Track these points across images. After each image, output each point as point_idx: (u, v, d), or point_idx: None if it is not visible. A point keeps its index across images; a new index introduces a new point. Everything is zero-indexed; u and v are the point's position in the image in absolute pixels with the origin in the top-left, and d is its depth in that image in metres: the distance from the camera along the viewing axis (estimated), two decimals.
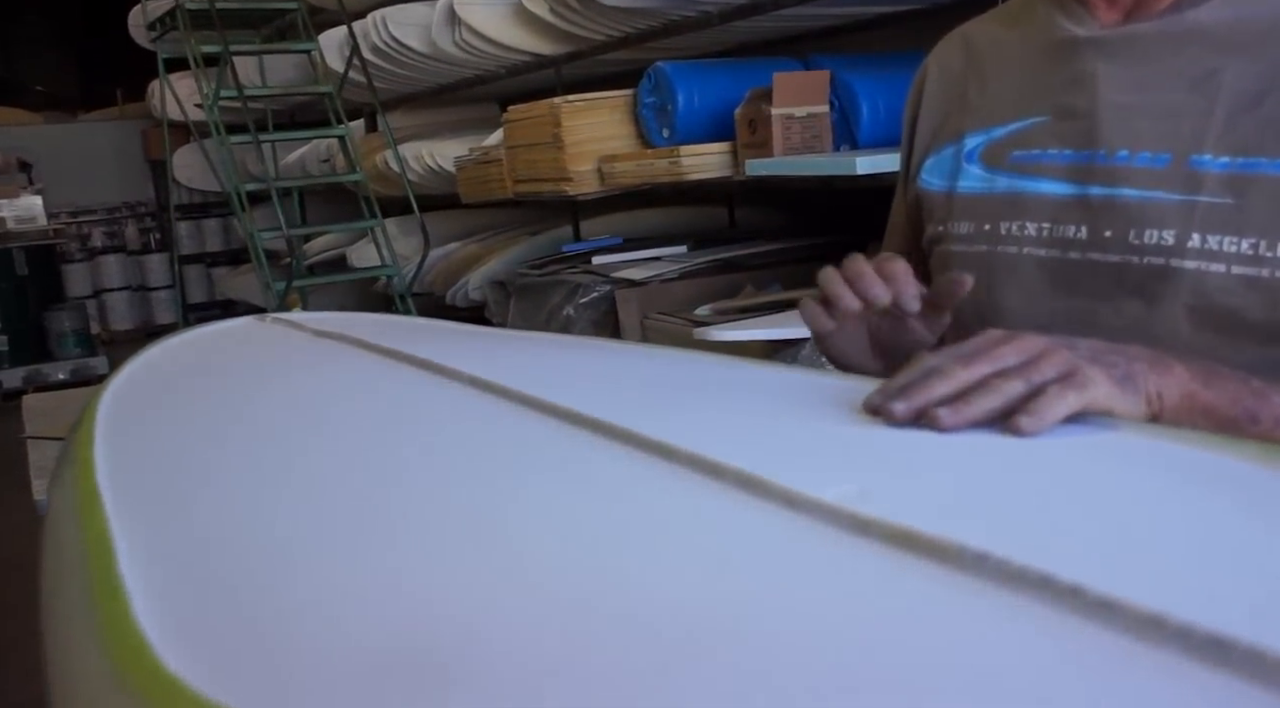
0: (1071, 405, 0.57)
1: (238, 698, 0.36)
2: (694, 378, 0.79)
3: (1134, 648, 0.33)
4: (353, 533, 0.49)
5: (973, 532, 0.40)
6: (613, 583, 0.41)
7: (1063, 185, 0.84)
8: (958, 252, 0.91)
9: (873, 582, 0.40)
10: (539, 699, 0.34)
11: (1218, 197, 0.76)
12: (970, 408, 0.57)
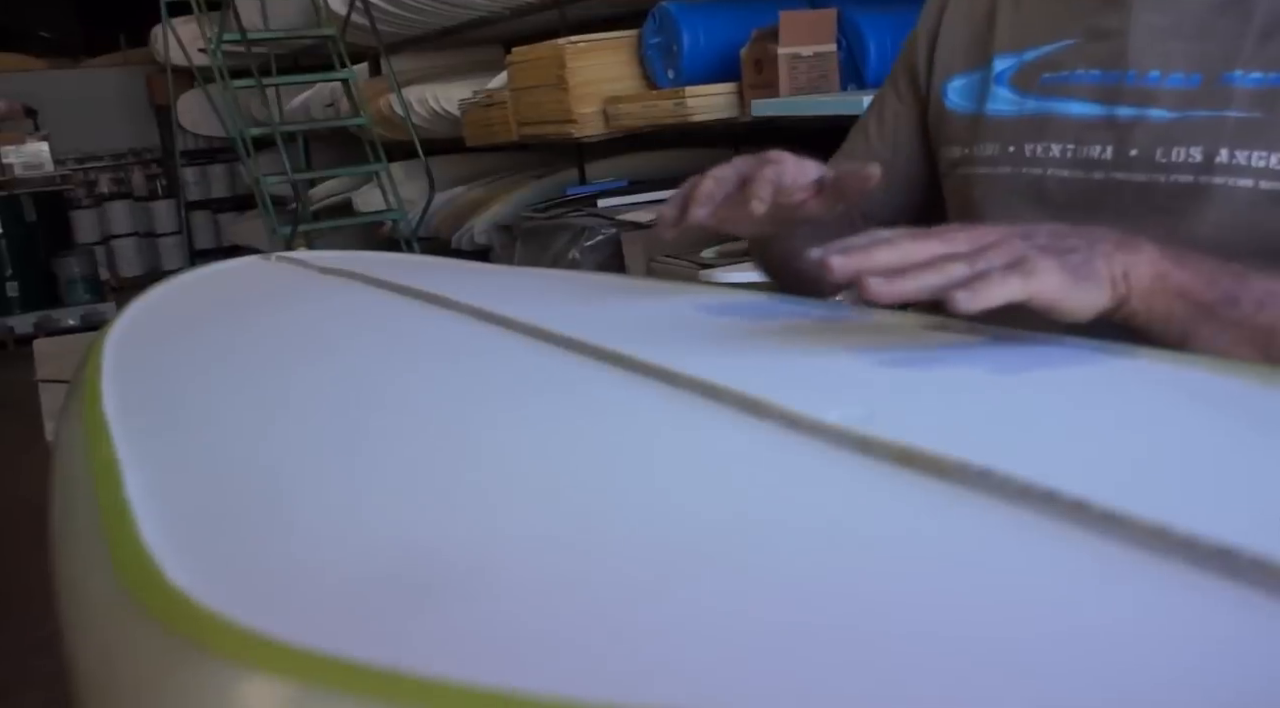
0: (1013, 291, 0.55)
1: (242, 610, 0.36)
2: (696, 309, 0.79)
3: (1139, 560, 0.33)
4: (353, 453, 0.49)
5: (977, 450, 0.40)
6: (612, 500, 0.41)
7: (1090, 106, 0.84)
8: (982, 174, 0.91)
9: (875, 499, 0.40)
10: (538, 611, 0.34)
11: (1247, 112, 0.76)
12: (906, 282, 0.55)
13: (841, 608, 0.32)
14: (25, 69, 6.60)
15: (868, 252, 0.57)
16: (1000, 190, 0.89)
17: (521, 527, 0.40)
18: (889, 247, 0.57)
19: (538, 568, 0.37)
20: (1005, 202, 0.89)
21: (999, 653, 0.29)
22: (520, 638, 0.33)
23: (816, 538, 0.37)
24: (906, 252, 0.57)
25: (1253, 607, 0.30)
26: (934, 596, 0.32)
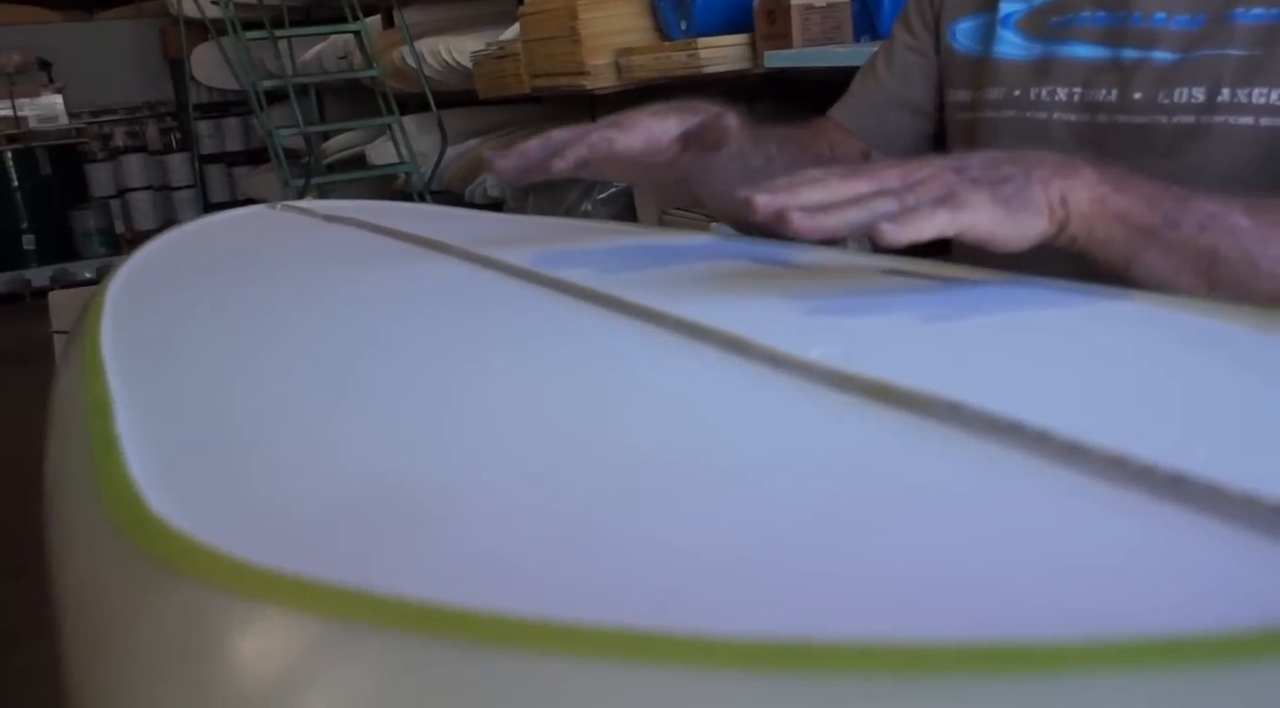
0: (941, 225, 0.54)
1: (219, 536, 0.37)
2: (696, 251, 0.79)
3: (1098, 489, 0.33)
4: (337, 390, 0.50)
5: (950, 386, 0.40)
6: (589, 429, 0.42)
7: (1096, 49, 0.84)
8: (988, 118, 0.91)
9: (847, 430, 0.40)
10: (512, 535, 0.35)
11: (1249, 49, 0.76)
12: (830, 218, 0.55)
13: (808, 528, 0.33)
14: (39, 21, 6.58)
15: (793, 189, 0.56)
16: (1005, 134, 0.89)
17: (500, 456, 0.41)
18: (815, 184, 0.56)
19: (514, 494, 0.37)
20: (1011, 146, 0.89)
21: (955, 570, 0.30)
22: (494, 561, 0.33)
23: (785, 465, 0.38)
24: (833, 189, 0.56)
25: (1204, 531, 0.30)
26: (891, 516, 0.33)
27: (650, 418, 0.43)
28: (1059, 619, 0.26)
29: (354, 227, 0.99)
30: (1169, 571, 0.29)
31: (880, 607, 0.27)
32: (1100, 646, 0.24)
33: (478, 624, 0.29)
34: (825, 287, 0.63)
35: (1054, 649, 0.24)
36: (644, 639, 0.27)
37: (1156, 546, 0.30)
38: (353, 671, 0.29)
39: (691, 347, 0.51)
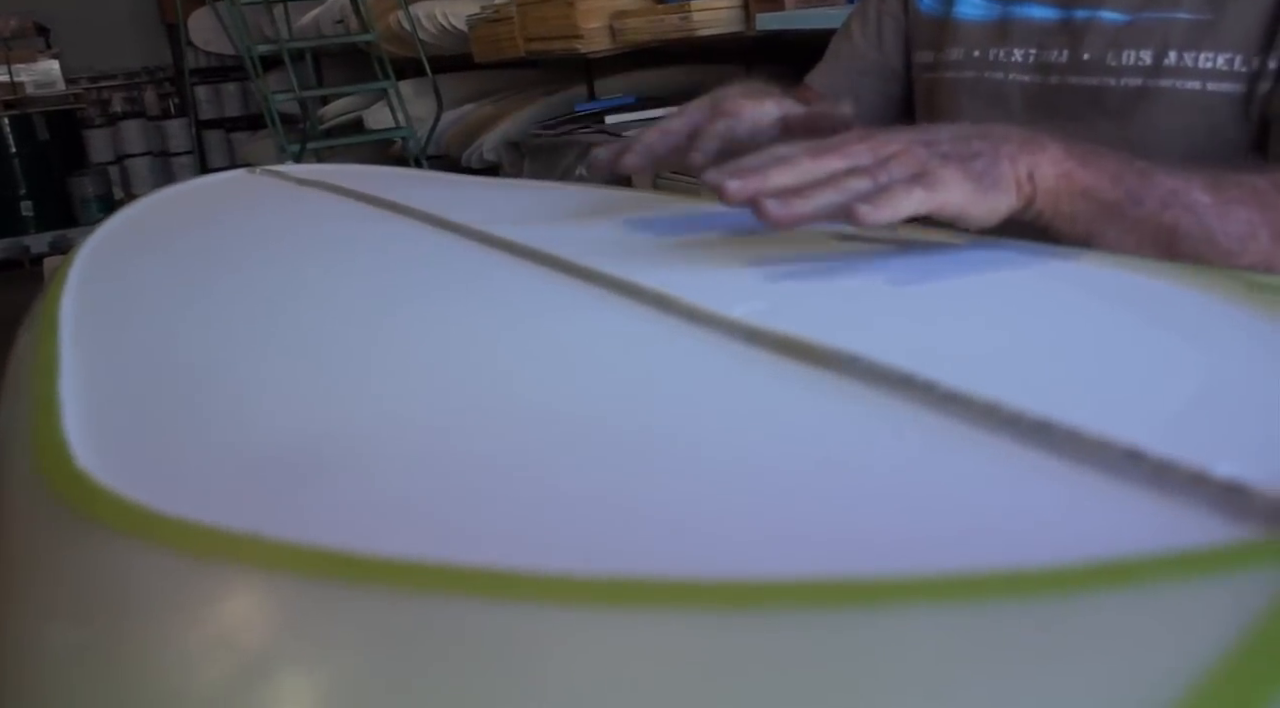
0: (918, 203, 0.53)
1: (143, 490, 0.38)
2: (650, 214, 0.79)
3: (974, 435, 0.34)
4: (272, 348, 0.51)
5: (856, 340, 0.41)
6: (507, 383, 0.43)
7: (1049, 10, 0.84)
8: (948, 78, 0.91)
9: (749, 381, 0.41)
10: (418, 485, 0.36)
11: (1196, 13, 0.76)
12: (805, 203, 0.53)
13: (706, 474, 0.34)
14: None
15: (763, 173, 0.54)
16: (964, 95, 0.90)
17: (413, 408, 0.42)
18: (785, 165, 0.55)
19: (417, 444, 0.39)
20: (969, 106, 0.89)
21: (835, 510, 0.31)
22: (397, 510, 0.34)
23: (686, 415, 0.39)
24: (804, 170, 0.55)
25: (1063, 474, 0.31)
26: (766, 460, 0.34)
27: (558, 371, 0.44)
28: (898, 556, 0.27)
29: (323, 190, 1.00)
30: (1018, 510, 0.30)
31: (721, 546, 0.28)
32: (919, 580, 0.25)
33: (359, 566, 0.30)
34: (781, 251, 0.64)
35: (877, 584, 0.25)
36: (507, 579, 0.28)
37: (1013, 487, 0.31)
38: (241, 612, 0.31)
39: (621, 304, 0.52)
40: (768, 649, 0.23)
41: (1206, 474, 0.29)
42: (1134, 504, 0.29)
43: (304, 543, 0.32)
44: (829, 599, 0.25)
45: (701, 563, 0.29)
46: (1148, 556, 0.25)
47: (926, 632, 0.24)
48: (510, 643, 0.26)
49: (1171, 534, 0.27)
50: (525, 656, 0.26)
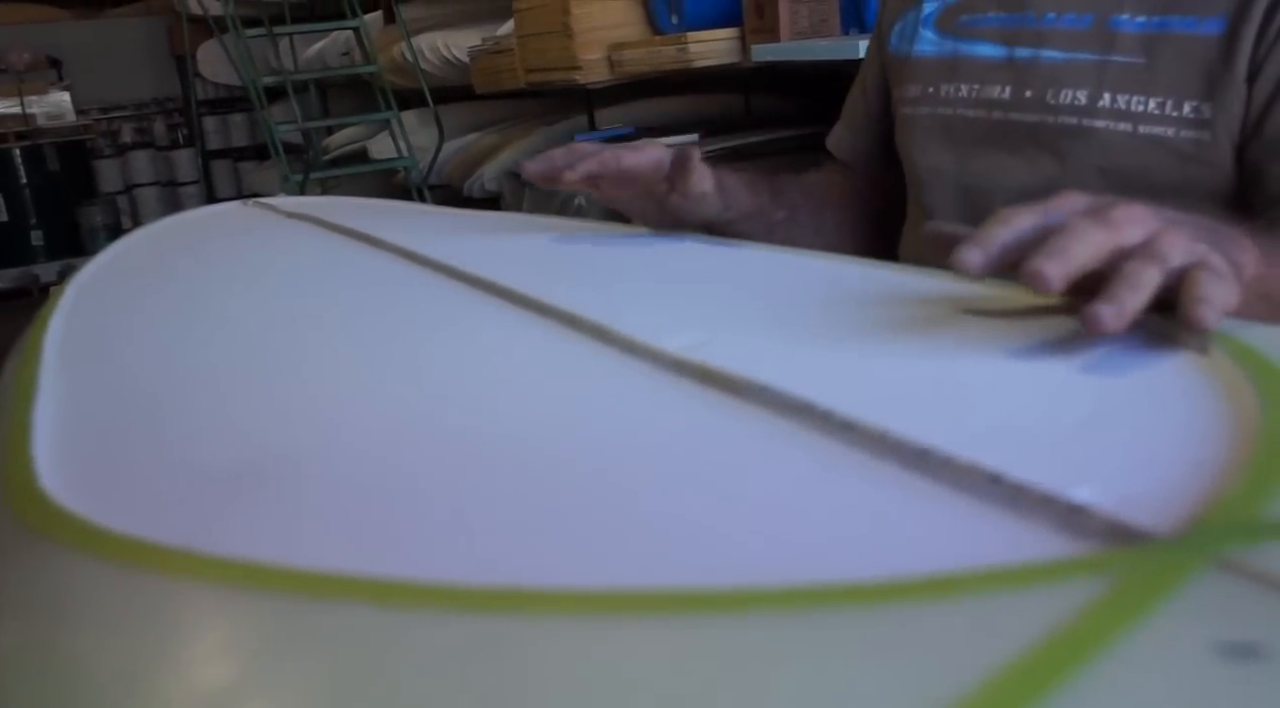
0: (1232, 296, 0.47)
1: (97, 510, 0.41)
2: (615, 249, 0.82)
3: (861, 459, 0.37)
4: (232, 373, 0.54)
5: (775, 373, 0.44)
6: (439, 405, 0.46)
7: (994, 48, 0.87)
8: (906, 114, 0.94)
9: (668, 408, 0.44)
10: (347, 502, 0.38)
11: (1130, 56, 0.78)
12: (1127, 307, 0.45)
13: (605, 492, 0.37)
14: (49, 20, 6.65)
15: (1065, 253, 0.46)
16: (919, 131, 0.92)
17: (357, 431, 0.45)
18: (1080, 240, 0.47)
19: (358, 465, 0.41)
20: (922, 142, 0.92)
21: (719, 527, 0.33)
22: (327, 525, 0.37)
23: (604, 439, 0.41)
24: (1088, 237, 0.47)
25: (939, 495, 0.34)
26: (689, 474, 0.37)
27: (492, 395, 0.47)
28: (768, 566, 0.30)
29: (307, 223, 1.03)
30: (891, 525, 0.32)
31: (604, 559, 0.31)
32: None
33: (282, 579, 0.33)
34: (721, 284, 0.67)
35: (717, 594, 0.28)
36: (404, 588, 0.31)
37: (890, 506, 0.34)
38: (172, 622, 0.33)
39: (563, 334, 0.55)
40: (612, 653, 0.26)
41: (1054, 496, 0.31)
42: (993, 522, 0.32)
43: (235, 557, 0.34)
44: (676, 608, 0.28)
45: (592, 574, 0.31)
46: (977, 569, 0.28)
47: (757, 637, 0.26)
48: (433, 651, 0.28)
49: (1017, 549, 0.30)
50: (448, 663, 0.28)
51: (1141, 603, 0.25)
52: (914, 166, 0.94)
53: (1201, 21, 0.75)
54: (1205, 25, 0.75)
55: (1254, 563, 0.27)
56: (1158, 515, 0.30)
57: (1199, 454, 0.34)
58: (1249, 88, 0.74)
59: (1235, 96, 0.74)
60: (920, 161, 0.93)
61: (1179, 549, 0.28)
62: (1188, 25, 0.76)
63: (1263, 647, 0.23)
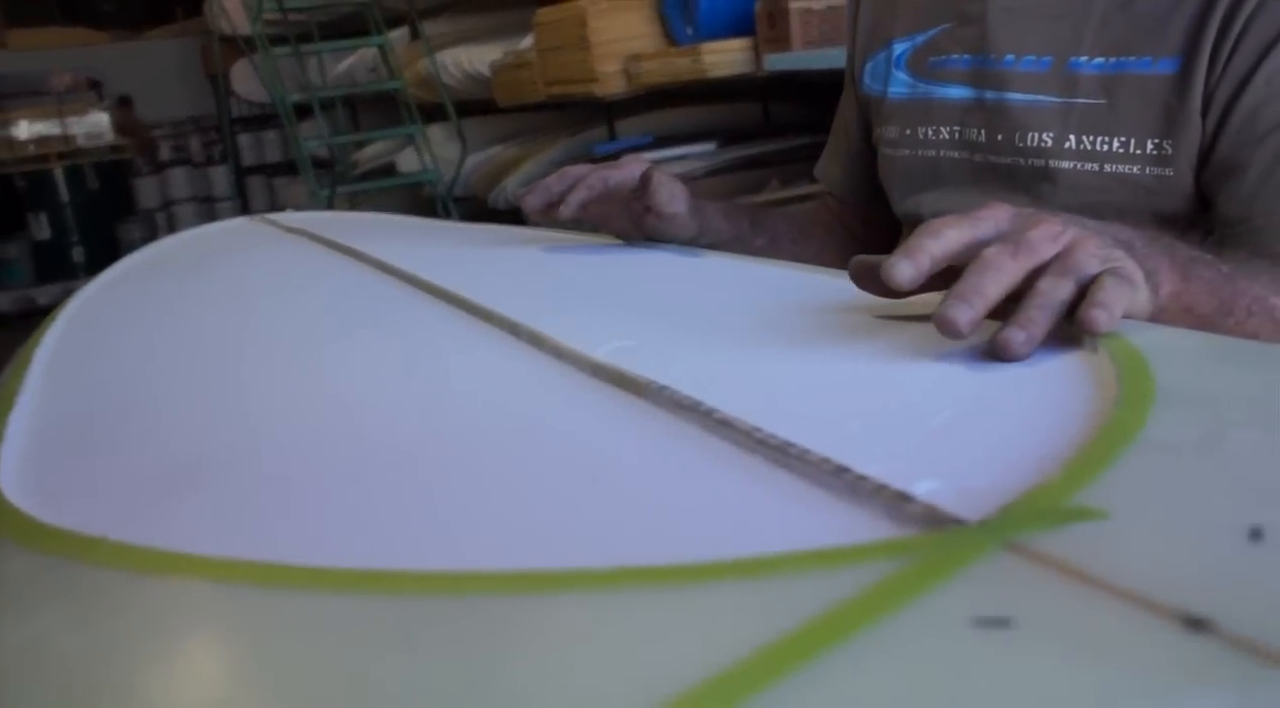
0: (1129, 301, 0.50)
1: (49, 509, 0.44)
2: (585, 259, 0.85)
3: (732, 452, 0.39)
4: (190, 378, 0.58)
5: (679, 375, 0.47)
6: (368, 410, 0.49)
7: (964, 90, 0.88)
8: (888, 155, 0.95)
9: (577, 407, 0.47)
10: (262, 496, 0.41)
11: (1092, 98, 0.79)
12: (1037, 330, 0.48)
13: (491, 483, 0.39)
14: (90, 43, 6.80)
15: (980, 290, 0.49)
16: (901, 172, 0.94)
17: (287, 432, 0.48)
18: (988, 269, 0.49)
19: (283, 463, 0.44)
20: (905, 183, 0.93)
21: (593, 513, 0.36)
22: (243, 519, 0.40)
23: (520, 435, 0.44)
24: (1004, 271, 0.49)
25: (793, 484, 0.36)
26: (568, 469, 0.39)
27: (431, 399, 0.50)
28: (637, 549, 0.32)
29: (301, 237, 1.07)
30: (749, 511, 0.35)
31: (491, 541, 0.34)
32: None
33: (193, 565, 0.36)
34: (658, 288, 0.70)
35: (544, 575, 0.30)
36: (293, 571, 0.33)
37: (750, 494, 0.36)
38: (98, 607, 0.36)
39: (500, 339, 0.58)
40: (446, 628, 0.29)
41: (885, 486, 0.34)
42: (833, 509, 0.34)
43: (155, 547, 0.37)
44: (513, 587, 0.30)
45: (479, 556, 0.34)
46: (798, 550, 0.30)
47: (570, 614, 0.29)
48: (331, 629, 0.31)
49: (848, 533, 0.32)
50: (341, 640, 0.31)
51: (926, 580, 0.28)
52: (897, 206, 0.95)
53: (1156, 62, 0.77)
54: (1160, 65, 0.77)
55: (1039, 545, 0.29)
56: (975, 504, 0.32)
57: (1042, 449, 0.36)
58: (1203, 121, 0.75)
59: (1192, 131, 0.75)
60: (903, 202, 0.94)
61: (976, 533, 0.30)
62: (1143, 66, 0.77)
63: (1015, 620, 0.25)
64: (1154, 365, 0.44)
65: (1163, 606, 0.25)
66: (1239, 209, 0.74)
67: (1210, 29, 0.74)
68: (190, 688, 0.30)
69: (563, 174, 0.89)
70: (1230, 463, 0.34)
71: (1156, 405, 0.39)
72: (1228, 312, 0.61)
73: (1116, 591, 0.26)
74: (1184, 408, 0.39)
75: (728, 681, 0.24)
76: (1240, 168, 0.74)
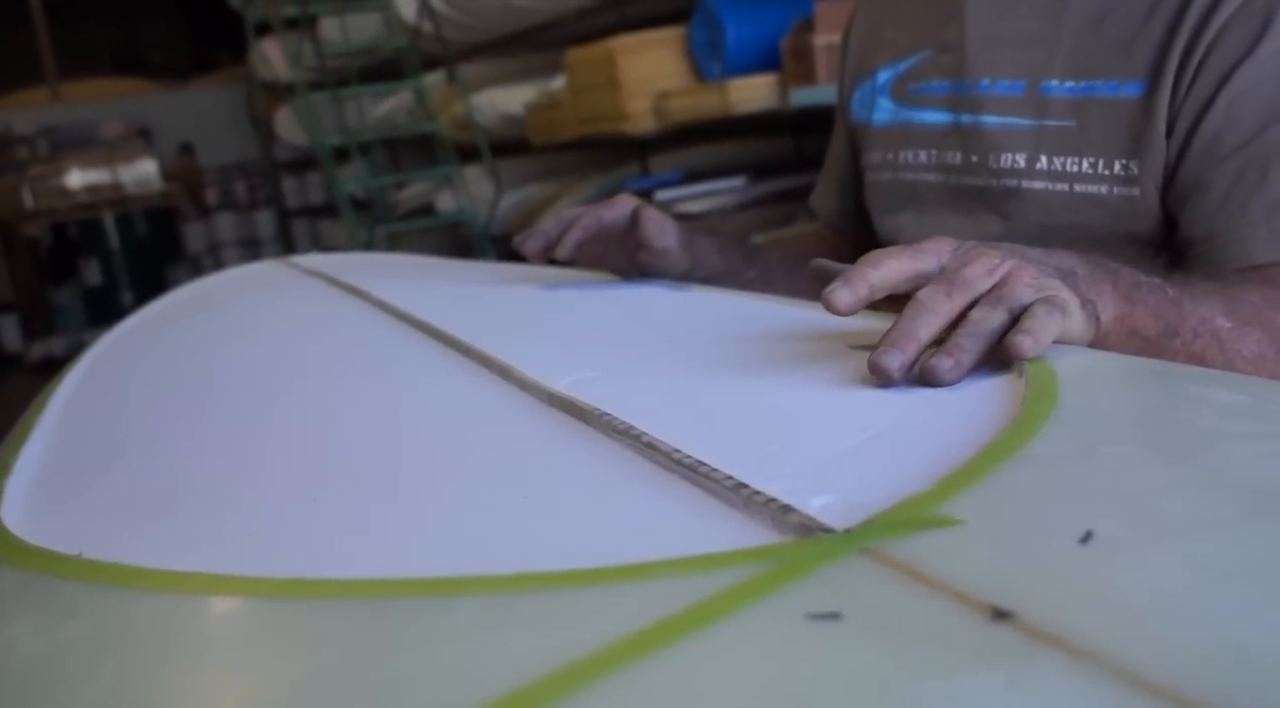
0: (1059, 328, 0.52)
1: (40, 535, 0.48)
2: (574, 295, 0.89)
3: (655, 472, 0.42)
4: (185, 419, 0.62)
5: (625, 404, 0.50)
6: (342, 438, 0.53)
7: (942, 114, 0.91)
8: (871, 180, 0.99)
9: (530, 432, 0.50)
10: (234, 519, 0.45)
11: (1062, 120, 0.81)
12: (965, 358, 0.51)
13: (430, 498, 0.43)
14: (139, 93, 7.02)
15: (913, 334, 0.52)
16: (883, 196, 0.97)
17: (260, 460, 0.52)
18: (927, 314, 0.53)
19: (250, 489, 0.48)
20: (886, 206, 0.96)
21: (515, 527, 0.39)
22: (200, 539, 0.44)
23: (460, 455, 0.48)
24: (937, 313, 0.53)
25: (698, 499, 0.39)
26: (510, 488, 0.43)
27: (399, 429, 0.54)
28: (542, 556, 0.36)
29: (318, 279, 1.12)
30: (657, 523, 0.38)
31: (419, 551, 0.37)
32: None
33: (159, 578, 0.39)
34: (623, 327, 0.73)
35: (441, 580, 0.34)
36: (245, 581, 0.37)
37: (663, 508, 0.39)
38: (73, 618, 0.40)
39: (470, 369, 0.61)
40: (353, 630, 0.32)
41: (772, 499, 0.37)
42: (729, 520, 0.37)
43: (124, 563, 0.41)
44: (417, 591, 0.34)
45: (405, 565, 0.37)
46: (681, 556, 0.33)
47: (472, 616, 0.32)
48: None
49: (737, 540, 0.35)
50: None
51: (780, 581, 0.31)
52: (877, 228, 0.98)
53: (1124, 85, 0.79)
54: (1127, 88, 0.79)
55: (891, 550, 0.32)
56: (852, 516, 0.35)
57: (934, 466, 0.39)
58: (1167, 143, 0.78)
59: (1157, 152, 0.78)
60: (883, 224, 0.97)
61: (839, 540, 0.33)
62: (1111, 89, 0.80)
63: (844, 614, 0.28)
64: (1063, 388, 0.47)
65: (977, 600, 0.28)
66: (1200, 229, 0.77)
67: (1174, 54, 0.77)
68: (138, 687, 0.33)
69: (559, 217, 0.93)
70: (1089, 475, 0.37)
71: (1048, 425, 0.42)
72: (1174, 334, 0.63)
73: (943, 588, 0.29)
74: (1072, 427, 0.42)
75: (568, 674, 0.27)
76: (1202, 189, 0.77)
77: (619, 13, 3.84)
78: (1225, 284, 0.70)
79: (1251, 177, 0.75)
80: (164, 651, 0.34)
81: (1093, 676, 0.24)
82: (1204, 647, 0.25)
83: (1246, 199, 0.75)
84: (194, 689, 0.32)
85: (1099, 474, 0.37)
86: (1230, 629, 0.25)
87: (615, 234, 0.92)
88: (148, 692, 0.32)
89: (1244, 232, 0.75)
